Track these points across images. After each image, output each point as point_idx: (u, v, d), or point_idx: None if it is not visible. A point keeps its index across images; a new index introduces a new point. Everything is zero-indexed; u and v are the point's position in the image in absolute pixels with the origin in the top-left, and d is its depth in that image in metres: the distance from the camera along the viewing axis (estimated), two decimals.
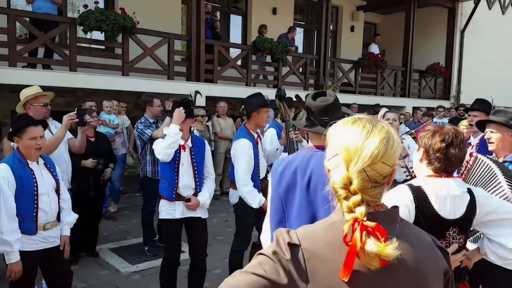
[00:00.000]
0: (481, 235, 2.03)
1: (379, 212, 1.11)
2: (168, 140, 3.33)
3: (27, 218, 2.84)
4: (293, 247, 1.06)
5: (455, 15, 13.27)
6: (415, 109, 10.92)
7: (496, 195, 2.18)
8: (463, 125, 4.70)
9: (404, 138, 4.22)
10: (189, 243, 3.66)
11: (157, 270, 4.53)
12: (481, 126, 3.03)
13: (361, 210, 1.04)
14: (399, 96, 12.51)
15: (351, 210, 1.05)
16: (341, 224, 1.06)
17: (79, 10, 8.10)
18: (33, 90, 3.78)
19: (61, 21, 7.06)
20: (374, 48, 12.23)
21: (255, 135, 3.82)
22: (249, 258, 3.93)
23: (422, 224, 1.82)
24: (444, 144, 1.92)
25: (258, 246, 3.85)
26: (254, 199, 3.58)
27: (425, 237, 1.19)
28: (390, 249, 0.99)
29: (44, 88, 4.04)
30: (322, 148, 1.92)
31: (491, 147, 2.84)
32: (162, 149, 3.35)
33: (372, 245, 1.00)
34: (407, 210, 1.83)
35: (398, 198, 1.84)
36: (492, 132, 2.84)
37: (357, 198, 1.05)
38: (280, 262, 1.05)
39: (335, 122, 1.19)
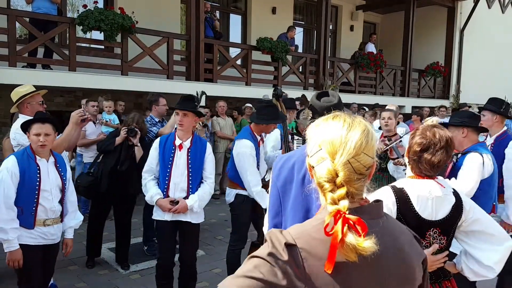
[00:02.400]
0: (459, 252, 2.04)
1: (363, 206, 1.13)
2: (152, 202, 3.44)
3: (26, 212, 2.87)
4: (290, 248, 1.04)
5: (455, 14, 13.27)
6: (414, 108, 10.90)
7: None
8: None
9: (402, 137, 4.21)
10: (179, 247, 3.63)
11: None
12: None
13: (344, 204, 1.05)
14: (398, 95, 12.50)
15: (334, 202, 1.06)
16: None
17: (78, 10, 8.10)
18: (27, 89, 3.65)
19: (60, 21, 7.06)
20: (371, 48, 12.21)
21: (258, 138, 3.85)
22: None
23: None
24: (419, 148, 1.94)
25: (256, 245, 3.87)
26: (264, 199, 3.54)
27: (406, 229, 1.26)
28: (368, 243, 1.01)
29: (44, 88, 4.04)
30: None
31: None
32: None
33: (351, 237, 1.01)
34: (389, 212, 1.85)
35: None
36: None
37: (342, 191, 1.06)
38: (278, 264, 1.03)
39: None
